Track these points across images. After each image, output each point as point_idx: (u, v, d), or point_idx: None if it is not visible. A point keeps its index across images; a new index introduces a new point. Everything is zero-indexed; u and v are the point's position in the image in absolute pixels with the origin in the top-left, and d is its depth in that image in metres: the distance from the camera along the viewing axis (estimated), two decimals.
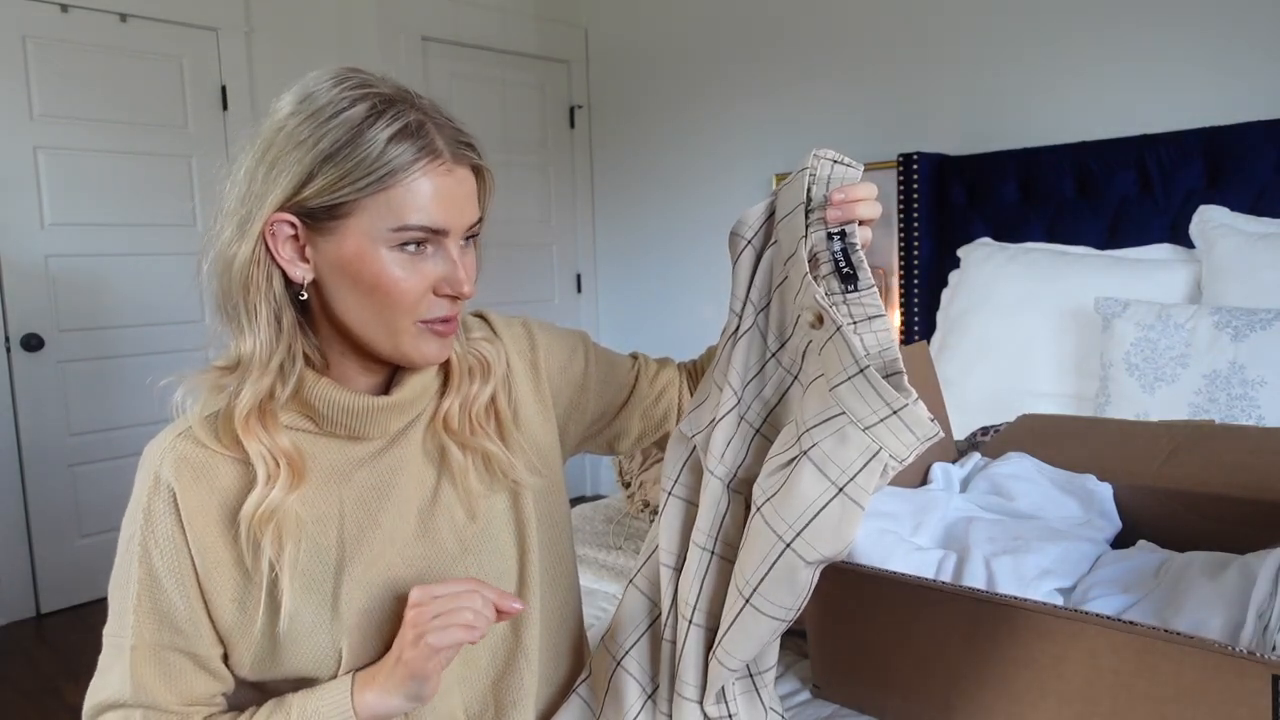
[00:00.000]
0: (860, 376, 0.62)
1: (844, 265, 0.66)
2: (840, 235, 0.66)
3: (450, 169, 0.72)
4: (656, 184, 3.78)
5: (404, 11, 3.44)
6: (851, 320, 0.66)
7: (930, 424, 0.60)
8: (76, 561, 2.89)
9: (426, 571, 0.80)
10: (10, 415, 2.75)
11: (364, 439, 0.80)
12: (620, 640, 0.82)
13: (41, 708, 2.30)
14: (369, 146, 0.69)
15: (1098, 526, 1.03)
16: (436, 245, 0.74)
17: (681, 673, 0.76)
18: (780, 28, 3.23)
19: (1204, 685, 0.69)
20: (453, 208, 0.73)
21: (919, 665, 0.88)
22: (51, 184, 2.77)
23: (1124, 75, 2.41)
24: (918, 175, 2.63)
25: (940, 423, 1.25)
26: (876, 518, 0.97)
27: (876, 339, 0.65)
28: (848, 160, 0.68)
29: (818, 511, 0.64)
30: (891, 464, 0.62)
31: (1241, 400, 1.71)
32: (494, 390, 0.85)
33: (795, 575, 0.66)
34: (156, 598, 0.74)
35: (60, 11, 2.74)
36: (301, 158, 0.70)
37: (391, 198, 0.70)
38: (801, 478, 0.65)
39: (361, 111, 0.70)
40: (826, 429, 0.64)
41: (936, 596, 0.85)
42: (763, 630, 0.69)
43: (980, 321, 2.28)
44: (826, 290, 0.67)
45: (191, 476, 0.74)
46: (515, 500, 0.86)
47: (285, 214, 0.72)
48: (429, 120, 0.73)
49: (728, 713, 0.76)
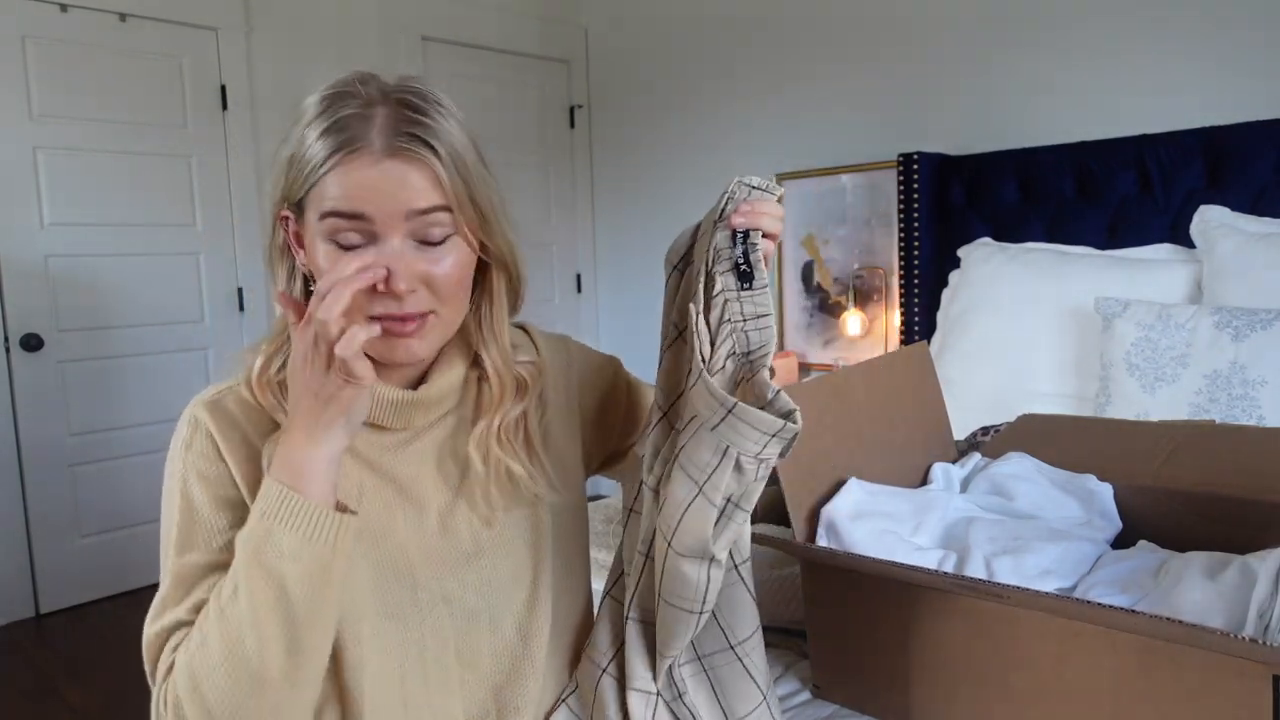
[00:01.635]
0: (700, 380, 0.67)
1: (743, 264, 0.71)
2: (744, 236, 0.71)
3: (378, 160, 0.71)
4: (656, 184, 3.78)
5: (404, 11, 3.44)
6: (742, 318, 0.71)
7: (771, 419, 0.64)
8: (76, 561, 2.89)
9: (439, 564, 0.81)
10: (10, 415, 2.75)
11: (387, 429, 0.81)
12: (602, 649, 0.84)
13: (41, 708, 2.30)
14: (308, 143, 0.73)
15: (1098, 526, 1.03)
16: (369, 238, 0.73)
17: (630, 667, 0.79)
18: (780, 28, 3.23)
19: (1204, 685, 0.69)
20: (375, 196, 0.71)
21: (919, 665, 0.88)
22: (51, 184, 2.77)
23: (1124, 75, 2.41)
24: (918, 175, 2.63)
25: (940, 422, 1.25)
26: (876, 518, 0.97)
27: (760, 336, 0.71)
28: (770, 186, 0.73)
29: (684, 510, 0.68)
30: (746, 460, 0.66)
31: (1242, 400, 1.71)
32: (526, 409, 0.86)
33: (681, 571, 0.70)
34: (195, 522, 0.75)
35: (60, 11, 2.74)
36: (280, 158, 0.76)
37: (319, 188, 0.72)
38: (675, 479, 0.70)
39: (312, 109, 0.74)
40: (688, 431, 0.69)
41: (937, 597, 0.85)
42: (679, 622, 0.73)
43: (980, 321, 2.28)
44: (724, 286, 0.71)
45: (229, 421, 0.77)
46: (534, 512, 0.86)
47: (287, 210, 0.77)
48: (376, 111, 0.72)
49: (677, 692, 0.80)
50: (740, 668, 0.80)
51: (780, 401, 0.66)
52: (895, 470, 1.12)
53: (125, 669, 2.45)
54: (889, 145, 2.92)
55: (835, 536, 0.95)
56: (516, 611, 0.84)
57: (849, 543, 0.94)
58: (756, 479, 0.67)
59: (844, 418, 1.06)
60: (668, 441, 0.80)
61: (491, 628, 0.83)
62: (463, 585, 0.81)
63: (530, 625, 0.84)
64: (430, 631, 0.80)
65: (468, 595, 0.81)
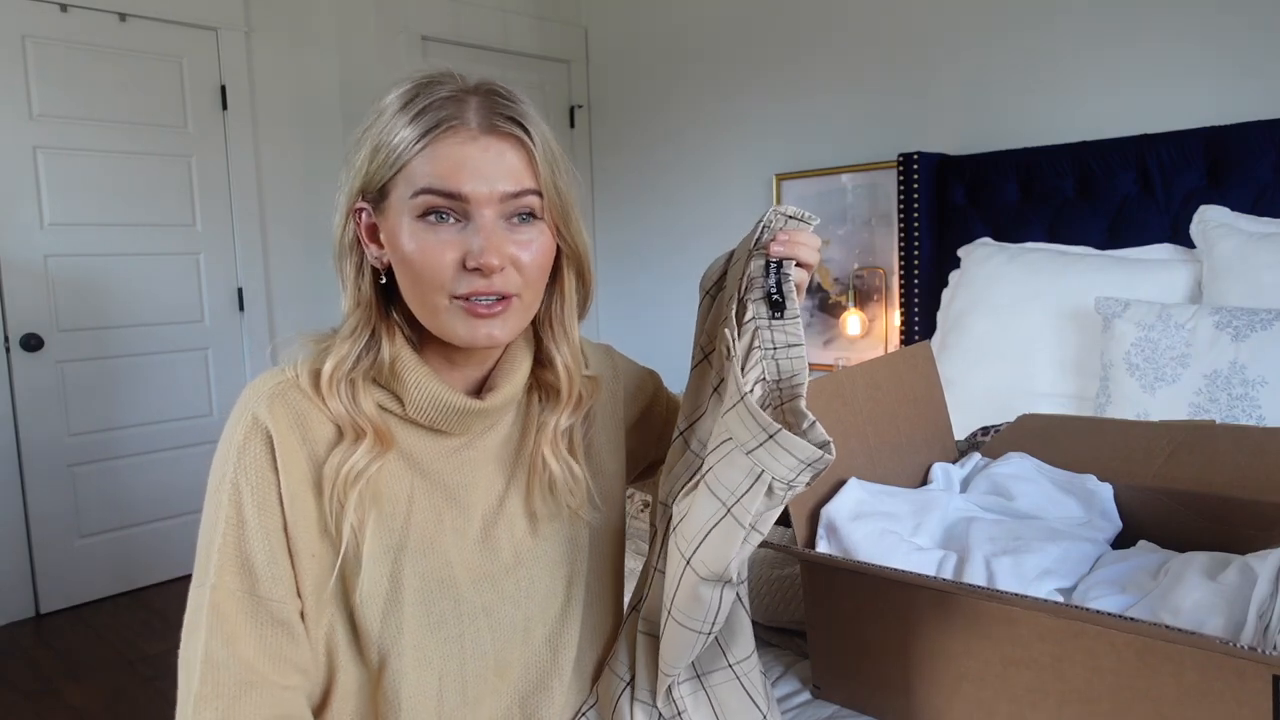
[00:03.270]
0: (741, 404, 0.67)
1: (775, 294, 0.71)
2: (778, 266, 0.72)
3: (475, 137, 0.73)
4: (656, 184, 3.78)
5: (404, 11, 3.44)
6: (773, 345, 0.71)
7: (811, 449, 0.64)
8: (76, 562, 2.89)
9: (481, 576, 0.80)
10: (10, 415, 2.75)
11: (446, 434, 0.80)
12: (625, 663, 0.84)
13: (41, 708, 2.30)
14: (400, 125, 0.73)
15: (1098, 526, 1.03)
16: (462, 216, 0.73)
17: (639, 679, 0.80)
18: (780, 28, 3.23)
19: (1204, 685, 0.69)
20: (473, 174, 0.72)
21: (919, 665, 0.88)
22: (51, 184, 2.77)
23: (1124, 75, 2.41)
24: (918, 175, 2.63)
25: (941, 422, 1.25)
26: (877, 518, 0.97)
27: (791, 365, 0.71)
28: (806, 215, 0.74)
29: (709, 531, 0.68)
30: (778, 485, 0.66)
31: (1242, 400, 1.71)
32: (576, 421, 0.86)
33: (697, 592, 0.70)
34: (241, 541, 0.72)
35: (60, 11, 2.74)
36: (362, 149, 0.75)
37: (412, 167, 0.72)
38: (698, 499, 0.70)
39: (397, 100, 0.74)
40: (718, 453, 0.69)
41: (937, 597, 0.85)
42: (685, 641, 0.73)
43: (980, 321, 2.28)
44: (755, 314, 0.72)
45: (289, 421, 0.74)
46: (574, 525, 0.86)
47: (363, 202, 0.76)
48: (470, 96, 0.74)
49: (676, 711, 0.80)
50: (739, 686, 0.81)
51: (815, 432, 0.66)
52: (895, 470, 1.12)
53: (125, 669, 2.45)
54: (889, 145, 2.92)
55: (835, 536, 0.95)
56: (548, 623, 0.84)
57: (849, 543, 0.94)
58: (781, 504, 0.67)
59: (844, 418, 1.06)
60: (681, 459, 0.80)
61: (524, 638, 0.83)
62: (501, 596, 0.81)
63: (560, 637, 0.84)
64: (470, 643, 0.79)
65: (505, 606, 0.81)
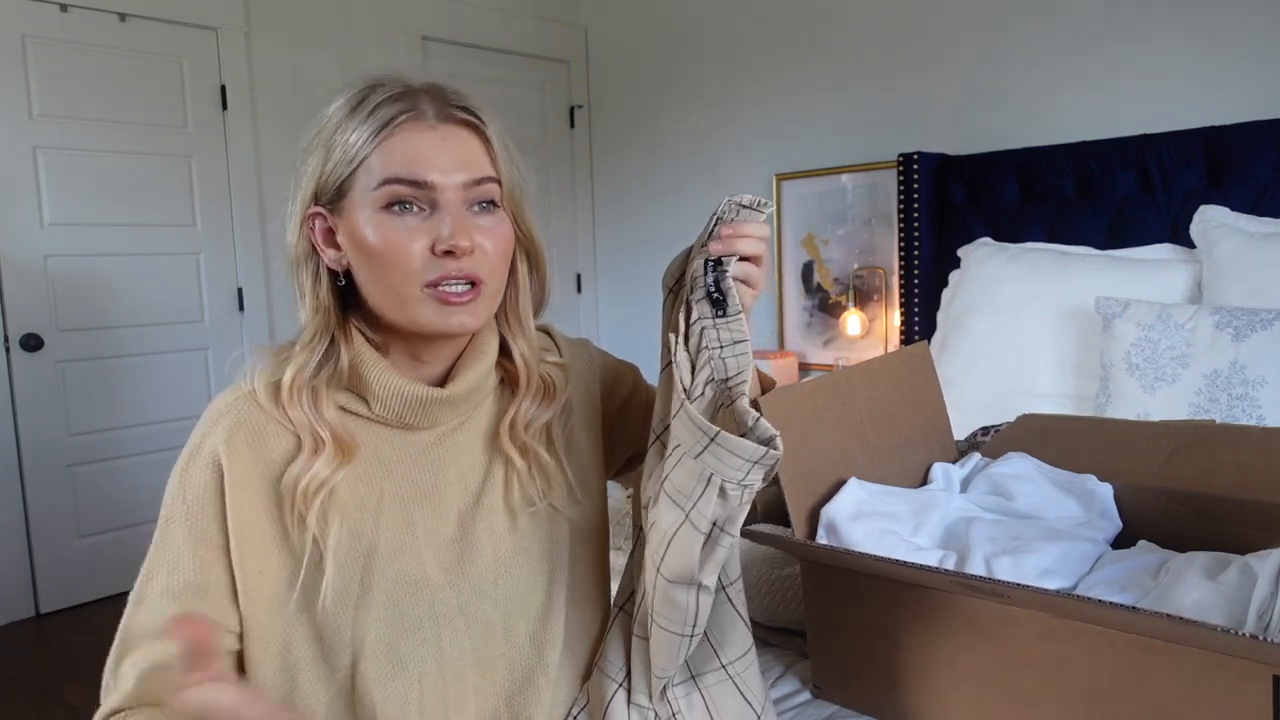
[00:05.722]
0: (682, 410, 0.68)
1: (714, 291, 0.71)
2: (717, 264, 0.72)
3: (433, 126, 0.74)
4: (656, 184, 3.78)
5: (404, 11, 3.44)
6: (719, 344, 0.72)
7: (754, 447, 0.64)
8: (76, 562, 2.89)
9: (457, 576, 0.80)
10: (9, 415, 2.75)
11: (414, 429, 0.80)
12: (615, 663, 0.84)
13: (41, 708, 2.29)
14: (354, 126, 0.73)
15: (1098, 527, 1.03)
16: (427, 204, 0.74)
17: (634, 681, 0.80)
18: (780, 28, 3.23)
19: (1204, 685, 0.69)
20: (435, 160, 0.73)
21: (919, 665, 0.88)
22: (51, 184, 2.77)
23: (1124, 75, 2.41)
24: (918, 175, 2.63)
25: (941, 422, 1.25)
26: (876, 518, 0.97)
27: (738, 362, 0.71)
28: (760, 203, 0.73)
29: (671, 538, 0.69)
30: (730, 486, 0.66)
31: (1242, 400, 1.71)
32: (553, 415, 0.85)
33: (671, 596, 0.70)
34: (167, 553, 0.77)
35: (60, 11, 2.74)
36: (312, 156, 0.76)
37: (371, 162, 0.73)
38: (661, 507, 0.70)
39: (348, 101, 0.75)
40: (673, 459, 0.70)
41: (936, 597, 0.85)
42: (670, 644, 0.73)
43: (980, 321, 2.28)
44: (700, 314, 0.72)
45: (244, 440, 0.76)
46: (553, 519, 0.86)
47: (316, 207, 0.77)
48: (419, 92, 0.75)
49: (671, 712, 0.80)
50: (733, 687, 0.80)
51: (760, 428, 0.66)
52: (895, 470, 1.12)
53: None
54: (889, 145, 2.92)
55: (835, 537, 0.95)
56: (531, 621, 0.83)
57: (849, 543, 0.93)
58: (741, 504, 0.67)
59: (844, 418, 1.06)
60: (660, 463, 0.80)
61: (506, 636, 0.82)
62: (479, 595, 0.81)
63: (544, 634, 0.84)
64: (448, 644, 0.79)
65: (483, 604, 0.81)
